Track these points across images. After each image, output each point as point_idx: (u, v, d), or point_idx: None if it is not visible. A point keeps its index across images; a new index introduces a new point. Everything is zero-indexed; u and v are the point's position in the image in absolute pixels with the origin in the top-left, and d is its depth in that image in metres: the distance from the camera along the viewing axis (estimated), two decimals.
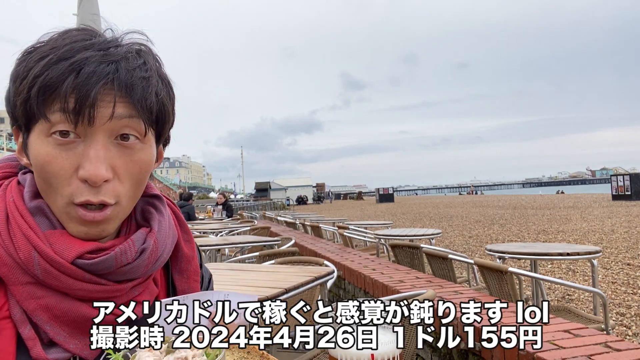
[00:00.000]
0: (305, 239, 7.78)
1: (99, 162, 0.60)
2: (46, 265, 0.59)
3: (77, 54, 0.59)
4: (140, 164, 0.64)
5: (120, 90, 0.60)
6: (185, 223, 0.81)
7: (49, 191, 0.62)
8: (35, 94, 0.58)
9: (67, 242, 0.61)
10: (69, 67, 0.58)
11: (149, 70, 0.64)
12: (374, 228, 8.09)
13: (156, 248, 0.67)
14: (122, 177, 0.63)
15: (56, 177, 0.60)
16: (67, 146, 0.60)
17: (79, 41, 0.61)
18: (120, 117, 0.61)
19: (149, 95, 0.62)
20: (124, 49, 0.63)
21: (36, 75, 0.58)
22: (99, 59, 0.60)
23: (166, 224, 0.72)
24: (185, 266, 0.76)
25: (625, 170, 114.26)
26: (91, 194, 0.60)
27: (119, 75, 0.60)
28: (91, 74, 0.58)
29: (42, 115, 0.59)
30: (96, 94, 0.58)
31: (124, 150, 0.63)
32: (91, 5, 4.12)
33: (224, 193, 14.32)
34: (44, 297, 0.60)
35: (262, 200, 48.32)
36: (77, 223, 0.62)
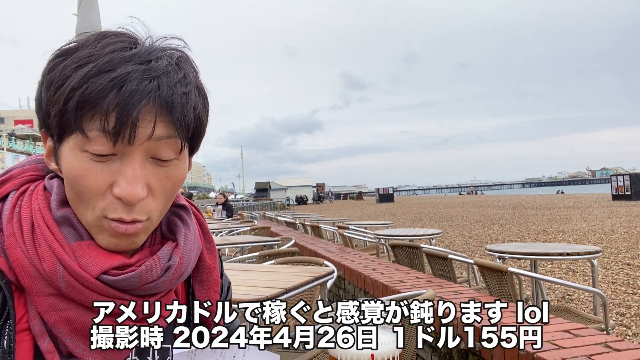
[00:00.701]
0: (305, 239, 7.78)
1: (136, 181, 0.59)
2: (70, 279, 0.58)
3: (118, 67, 0.57)
4: (174, 180, 0.63)
5: (162, 109, 0.58)
6: (209, 231, 0.79)
7: (79, 203, 0.61)
8: (73, 107, 0.56)
9: (93, 256, 0.60)
10: (110, 83, 0.56)
11: (189, 84, 0.62)
12: (374, 228, 8.09)
13: (181, 264, 0.65)
14: (156, 194, 0.62)
15: (90, 191, 0.59)
16: (104, 162, 0.59)
17: (119, 50, 0.59)
18: (159, 138, 0.59)
19: (187, 112, 0.61)
20: (165, 62, 0.60)
21: (74, 88, 0.56)
22: (141, 75, 0.57)
23: (192, 237, 0.70)
24: (206, 277, 0.74)
25: (625, 170, 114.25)
26: (124, 212, 0.60)
27: (160, 92, 0.58)
28: (134, 92, 0.56)
29: (80, 131, 0.57)
30: (138, 113, 0.57)
31: (159, 167, 0.61)
32: (91, 5, 4.12)
33: (224, 193, 14.31)
34: (66, 310, 0.59)
35: (262, 200, 48.34)
36: (108, 235, 0.61)
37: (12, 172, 0.69)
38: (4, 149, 37.20)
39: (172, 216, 0.71)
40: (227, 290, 0.86)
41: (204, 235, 0.77)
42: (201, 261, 0.74)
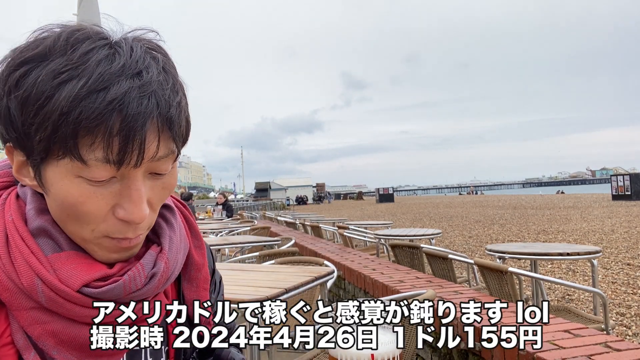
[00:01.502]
0: (305, 239, 7.78)
1: (141, 202, 0.57)
2: (51, 294, 0.56)
3: (110, 84, 0.52)
4: (169, 188, 0.62)
5: (163, 126, 0.55)
6: (196, 227, 0.77)
7: (73, 224, 0.58)
8: (66, 134, 0.51)
9: (72, 269, 0.57)
10: (109, 106, 0.51)
11: (178, 90, 0.58)
12: (374, 228, 8.09)
13: (167, 269, 0.63)
14: (155, 206, 0.61)
15: (90, 215, 0.56)
16: (103, 186, 0.55)
17: (103, 61, 0.53)
18: (160, 158, 0.57)
19: (182, 122, 0.58)
20: (154, 71, 0.56)
21: (64, 112, 0.50)
22: (138, 94, 0.53)
23: (177, 238, 0.68)
24: (194, 274, 0.72)
25: (625, 170, 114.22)
26: (129, 232, 0.58)
27: (160, 110, 0.55)
28: (137, 116, 0.52)
29: (77, 158, 0.52)
30: (144, 137, 0.53)
31: (156, 181, 0.60)
32: (91, 5, 4.11)
33: (224, 193, 14.31)
34: (50, 323, 0.57)
35: (262, 200, 48.32)
36: (107, 251, 0.60)
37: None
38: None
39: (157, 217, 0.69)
40: (219, 284, 0.84)
41: (192, 233, 0.75)
42: (189, 259, 0.72)
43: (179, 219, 0.72)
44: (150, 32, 0.60)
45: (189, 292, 0.72)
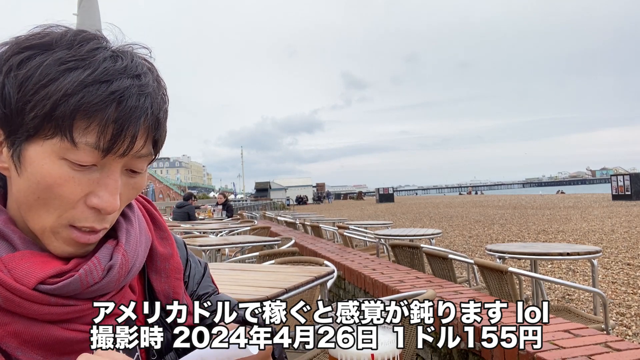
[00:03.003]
0: (305, 239, 7.78)
1: (116, 193, 0.60)
2: (7, 294, 0.56)
3: (114, 79, 0.57)
4: (138, 188, 0.65)
5: (152, 126, 0.60)
6: (160, 219, 0.78)
7: (39, 208, 0.58)
8: (65, 114, 0.54)
9: (27, 267, 0.57)
10: (110, 96, 0.56)
11: (166, 101, 0.64)
12: (374, 228, 8.09)
13: (126, 261, 0.63)
14: (122, 202, 0.63)
15: (62, 199, 0.57)
16: (82, 171, 0.58)
17: (109, 59, 0.58)
18: (141, 156, 0.61)
19: (165, 129, 0.64)
20: (150, 78, 0.61)
21: (67, 94, 0.54)
22: (137, 91, 0.58)
23: (136, 231, 0.68)
24: (162, 265, 0.72)
25: (625, 170, 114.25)
26: (96, 221, 0.60)
27: (152, 111, 0.60)
28: (134, 109, 0.57)
29: (69, 139, 0.55)
30: (138, 130, 0.58)
31: (130, 179, 0.63)
32: (91, 5, 4.11)
33: (224, 193, 14.31)
34: (11, 324, 0.57)
35: (262, 200, 48.33)
36: (64, 243, 0.60)
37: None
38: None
39: None
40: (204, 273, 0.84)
41: (155, 224, 0.76)
42: (153, 251, 0.72)
43: (137, 213, 0.73)
44: (144, 47, 0.65)
45: (159, 283, 0.72)
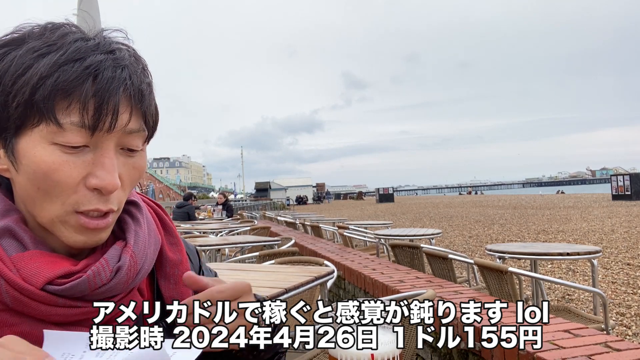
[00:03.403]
0: (305, 239, 7.78)
1: (114, 171, 0.59)
2: (15, 293, 0.55)
3: (87, 55, 0.57)
4: (140, 170, 0.64)
5: (135, 98, 0.60)
6: (171, 225, 0.77)
7: (42, 199, 0.58)
8: (45, 96, 0.54)
9: (36, 267, 0.57)
10: (85, 71, 0.56)
11: (148, 75, 0.63)
12: (374, 228, 8.09)
13: (134, 263, 0.63)
14: (125, 184, 0.62)
15: (61, 185, 0.57)
16: (76, 154, 0.57)
17: (80, 40, 0.58)
18: (131, 132, 0.60)
19: (152, 102, 0.63)
20: (125, 53, 0.61)
21: (43, 76, 0.55)
22: (112, 64, 0.58)
23: (144, 232, 0.68)
24: (171, 271, 0.72)
25: (625, 170, 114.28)
26: (100, 203, 0.59)
27: (132, 81, 0.59)
28: (111, 79, 0.57)
29: (53, 121, 0.55)
30: (118, 100, 0.57)
31: (128, 158, 0.62)
32: (91, 5, 4.12)
33: (224, 193, 14.32)
34: (19, 325, 0.57)
35: (262, 200, 48.33)
36: (75, 232, 0.60)
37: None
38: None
39: (123, 213, 0.69)
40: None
41: (165, 229, 0.75)
42: (162, 256, 0.72)
43: (147, 215, 0.72)
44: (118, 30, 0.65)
45: (167, 289, 0.71)
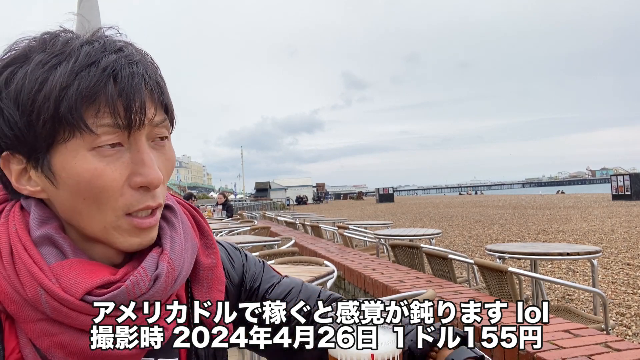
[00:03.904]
0: (305, 239, 7.78)
1: (154, 165, 0.59)
2: (54, 303, 0.55)
3: (100, 58, 0.56)
4: (172, 160, 0.65)
5: (154, 90, 0.60)
6: (206, 227, 0.75)
7: (90, 209, 0.58)
8: (70, 107, 0.53)
9: (75, 276, 0.57)
10: (104, 73, 0.55)
11: (157, 68, 0.63)
12: (374, 228, 8.09)
13: (172, 270, 0.62)
14: (165, 177, 0.62)
15: (107, 190, 0.57)
16: (114, 156, 0.57)
17: (86, 44, 0.57)
18: (160, 122, 0.61)
19: (167, 92, 0.63)
20: (132, 49, 0.61)
21: (63, 86, 0.54)
22: (126, 61, 0.57)
23: (180, 238, 0.67)
24: (204, 275, 0.70)
25: (625, 170, 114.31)
26: (149, 199, 0.60)
27: (149, 75, 0.59)
28: (131, 77, 0.56)
29: (86, 129, 0.55)
30: (143, 95, 0.57)
31: (160, 150, 0.62)
32: (91, 5, 4.12)
33: (224, 193, 14.32)
34: (58, 334, 0.56)
35: (262, 200, 48.34)
36: (129, 235, 0.60)
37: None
38: None
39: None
40: (263, 268, 0.84)
41: (201, 232, 0.74)
42: (196, 260, 0.70)
43: (182, 218, 0.71)
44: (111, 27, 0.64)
45: (199, 294, 0.69)
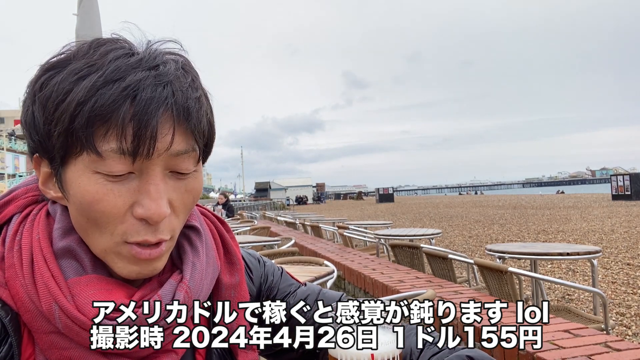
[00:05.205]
0: (305, 239, 7.78)
1: (160, 199, 0.55)
2: (67, 321, 0.54)
3: (127, 74, 0.53)
4: (194, 193, 0.60)
5: (179, 117, 0.54)
6: (231, 243, 0.73)
7: (94, 230, 0.56)
8: (82, 124, 0.51)
9: (90, 295, 0.56)
10: (123, 92, 0.52)
11: (198, 88, 0.58)
12: (374, 228, 8.09)
13: (188, 299, 0.60)
14: (178, 210, 0.58)
15: (107, 215, 0.55)
16: (121, 182, 0.54)
17: (122, 57, 0.54)
18: (178, 154, 0.55)
19: (202, 118, 0.57)
20: (172, 66, 0.56)
21: (81, 102, 0.51)
22: (153, 81, 0.53)
23: (202, 264, 0.64)
24: (226, 293, 0.69)
25: (625, 170, 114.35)
26: (149, 233, 0.56)
27: (176, 99, 0.54)
28: (149, 100, 0.52)
29: (92, 150, 0.52)
30: (157, 123, 0.52)
31: (179, 181, 0.58)
32: (91, 5, 4.11)
33: (224, 193, 14.31)
34: (69, 349, 0.55)
35: (262, 200, 48.35)
36: (128, 262, 0.57)
37: (16, 192, 0.65)
38: (4, 149, 37.22)
39: (182, 239, 0.66)
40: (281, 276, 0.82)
41: (225, 249, 0.72)
42: (219, 279, 0.69)
43: (207, 240, 0.68)
44: (171, 41, 0.60)
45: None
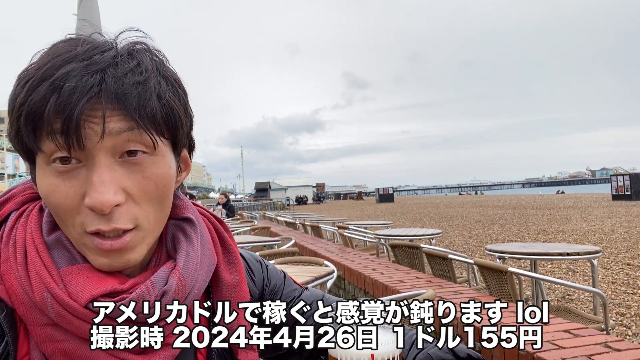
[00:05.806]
0: (305, 239, 7.78)
1: (104, 187, 0.54)
2: (59, 309, 0.54)
3: (58, 70, 0.53)
4: (154, 179, 0.58)
5: (111, 103, 0.54)
6: (230, 242, 0.72)
7: (61, 223, 0.58)
8: (23, 125, 0.54)
9: (82, 282, 0.56)
10: (50, 88, 0.52)
11: (146, 71, 0.56)
12: (374, 228, 8.09)
13: (182, 286, 0.60)
14: (137, 197, 0.57)
15: (62, 207, 0.55)
16: (70, 173, 0.55)
17: (62, 54, 0.55)
18: (118, 132, 0.54)
19: (148, 102, 0.55)
20: (111, 53, 0.56)
21: (21, 104, 0.54)
22: (81, 72, 0.53)
23: (197, 253, 0.64)
24: (227, 292, 0.68)
25: (625, 170, 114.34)
26: (102, 222, 0.55)
27: (106, 85, 0.53)
28: (72, 90, 0.52)
29: (34, 147, 0.54)
30: (80, 112, 0.52)
31: (132, 167, 0.57)
32: (91, 5, 4.11)
33: (225, 193, 14.31)
34: (63, 342, 0.55)
35: (262, 200, 48.36)
36: (96, 254, 0.57)
37: (14, 190, 0.67)
38: (4, 149, 37.21)
39: (177, 231, 0.66)
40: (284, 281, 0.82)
41: (224, 247, 0.71)
42: (218, 277, 0.68)
43: (202, 233, 0.68)
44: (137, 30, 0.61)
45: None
